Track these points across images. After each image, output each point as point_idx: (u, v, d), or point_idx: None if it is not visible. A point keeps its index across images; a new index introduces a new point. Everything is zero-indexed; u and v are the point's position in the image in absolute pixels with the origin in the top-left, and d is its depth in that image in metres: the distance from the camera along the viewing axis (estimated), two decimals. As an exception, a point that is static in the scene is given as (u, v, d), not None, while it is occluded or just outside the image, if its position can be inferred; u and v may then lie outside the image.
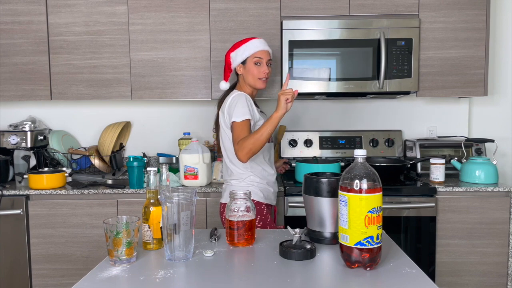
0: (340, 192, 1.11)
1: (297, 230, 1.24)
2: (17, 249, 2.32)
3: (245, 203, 1.30)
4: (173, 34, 2.51)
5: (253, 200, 1.90)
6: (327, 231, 1.29)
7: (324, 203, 1.27)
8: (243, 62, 2.01)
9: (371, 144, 2.79)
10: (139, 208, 2.31)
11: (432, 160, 2.41)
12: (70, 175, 2.48)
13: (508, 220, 2.28)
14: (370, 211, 1.06)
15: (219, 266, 1.14)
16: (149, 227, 1.27)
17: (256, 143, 1.79)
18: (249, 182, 1.95)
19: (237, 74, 2.08)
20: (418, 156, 2.60)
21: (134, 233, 1.16)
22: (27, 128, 2.60)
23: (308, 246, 1.20)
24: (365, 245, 1.07)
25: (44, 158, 2.63)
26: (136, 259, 1.19)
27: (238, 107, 1.88)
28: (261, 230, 1.47)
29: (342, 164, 2.55)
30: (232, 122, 1.88)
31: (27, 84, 2.54)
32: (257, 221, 1.89)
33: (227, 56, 2.07)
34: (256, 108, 2.02)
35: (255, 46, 1.99)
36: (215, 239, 1.34)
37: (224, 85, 2.11)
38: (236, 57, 2.02)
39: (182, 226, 1.16)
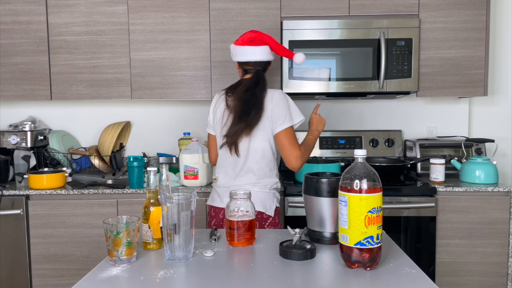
0: (340, 192, 1.11)
1: (297, 230, 1.24)
2: (17, 249, 2.32)
3: (245, 203, 1.30)
4: (173, 34, 2.51)
5: (276, 208, 1.83)
6: (327, 231, 1.29)
7: (324, 203, 1.27)
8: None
9: (371, 144, 2.79)
10: (139, 208, 2.31)
11: (432, 160, 2.41)
12: (70, 175, 2.48)
13: (508, 220, 2.28)
14: (370, 211, 1.06)
15: (219, 266, 1.14)
16: (149, 227, 1.27)
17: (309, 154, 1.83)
18: (274, 189, 1.85)
19: (264, 68, 1.87)
20: (418, 156, 2.60)
21: (134, 233, 1.16)
22: (27, 128, 2.60)
23: (308, 246, 1.20)
24: (365, 245, 1.07)
25: (44, 158, 2.63)
26: (136, 259, 1.19)
27: (294, 107, 1.78)
28: (261, 230, 1.47)
29: (342, 164, 2.55)
30: (290, 126, 1.75)
31: (27, 84, 2.54)
32: (270, 226, 1.82)
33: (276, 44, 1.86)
34: None
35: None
36: (215, 239, 1.34)
37: (302, 57, 1.86)
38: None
39: (182, 226, 1.16)
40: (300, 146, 1.79)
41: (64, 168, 2.53)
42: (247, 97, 1.76)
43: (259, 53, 1.81)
